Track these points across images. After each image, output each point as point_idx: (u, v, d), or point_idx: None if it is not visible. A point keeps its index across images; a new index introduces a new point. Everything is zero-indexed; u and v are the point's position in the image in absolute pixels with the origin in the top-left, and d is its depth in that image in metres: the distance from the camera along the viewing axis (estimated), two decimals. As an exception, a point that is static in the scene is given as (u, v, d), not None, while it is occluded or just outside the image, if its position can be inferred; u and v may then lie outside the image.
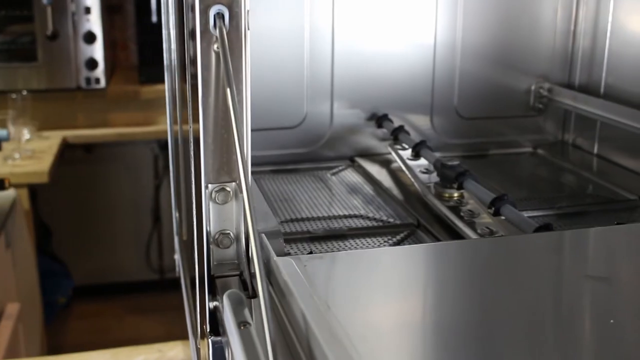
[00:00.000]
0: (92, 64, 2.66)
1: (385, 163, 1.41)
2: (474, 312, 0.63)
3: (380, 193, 1.26)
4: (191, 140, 0.76)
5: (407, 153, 1.34)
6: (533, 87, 1.48)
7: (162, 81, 2.81)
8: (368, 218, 1.15)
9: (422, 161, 1.29)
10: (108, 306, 3.13)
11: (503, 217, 1.01)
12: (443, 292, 0.67)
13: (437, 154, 1.26)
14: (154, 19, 2.87)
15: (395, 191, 1.25)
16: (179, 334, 2.90)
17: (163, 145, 3.12)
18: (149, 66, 2.87)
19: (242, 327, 0.60)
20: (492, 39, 1.44)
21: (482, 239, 0.83)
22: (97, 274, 3.15)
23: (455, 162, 1.14)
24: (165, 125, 2.86)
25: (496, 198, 1.01)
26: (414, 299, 0.65)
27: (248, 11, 0.66)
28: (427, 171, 1.25)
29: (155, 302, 3.16)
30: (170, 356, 1.43)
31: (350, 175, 1.37)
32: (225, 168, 0.72)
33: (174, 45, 1.00)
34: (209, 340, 0.68)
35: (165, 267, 3.25)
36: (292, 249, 1.01)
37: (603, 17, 1.40)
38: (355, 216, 1.16)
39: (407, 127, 1.40)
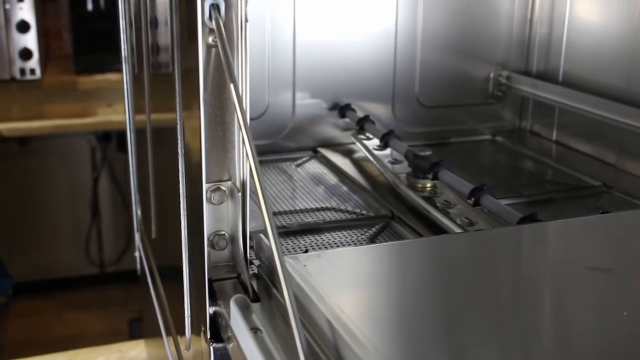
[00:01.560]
0: (26, 54, 2.56)
1: (349, 153, 1.39)
2: (484, 303, 0.62)
3: (349, 184, 1.25)
4: (180, 137, 0.73)
5: (372, 143, 1.33)
6: (492, 75, 1.49)
7: (100, 71, 2.74)
8: (341, 210, 1.14)
9: (387, 151, 1.29)
10: (48, 303, 3.03)
11: (480, 207, 1.01)
12: (451, 286, 0.65)
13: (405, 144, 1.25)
14: (89, 6, 2.77)
15: (363, 182, 1.24)
16: (124, 330, 2.85)
17: (100, 137, 3.04)
18: (85, 55, 2.78)
19: (254, 334, 0.57)
20: (452, 27, 1.44)
21: (477, 232, 0.83)
22: (35, 270, 3.04)
23: (428, 152, 1.14)
24: (105, 117, 2.79)
25: (475, 188, 1.01)
26: (421, 294, 0.64)
27: (247, 1, 0.63)
28: (396, 161, 1.24)
29: (97, 297, 3.08)
30: (131, 356, 1.39)
31: (315, 167, 1.35)
32: (220, 166, 0.69)
33: (143, 35, 0.96)
34: (211, 347, 0.65)
35: (105, 261, 3.17)
36: (271, 245, 0.99)
37: (560, 5, 1.41)
38: (328, 209, 1.15)
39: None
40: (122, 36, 1.22)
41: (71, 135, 2.96)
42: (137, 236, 1.31)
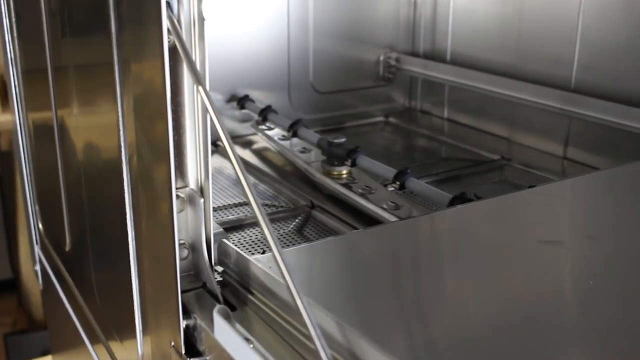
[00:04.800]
0: None
1: (250, 145, 1.37)
2: (462, 280, 0.63)
3: (258, 177, 1.23)
4: (123, 144, 0.69)
5: (274, 133, 1.32)
6: (382, 58, 1.52)
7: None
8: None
9: (288, 141, 1.28)
10: None
11: (405, 190, 1.03)
12: (424, 269, 0.66)
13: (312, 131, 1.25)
14: None
15: (273, 173, 1.23)
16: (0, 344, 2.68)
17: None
18: None
19: (250, 345, 0.55)
20: (342, 14, 1.45)
21: (425, 215, 0.84)
22: None
23: (342, 139, 1.14)
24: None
25: (399, 172, 1.02)
26: (396, 281, 0.64)
27: (202, -1, 0.60)
28: (305, 150, 1.23)
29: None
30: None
31: (219, 161, 1.32)
32: (177, 173, 0.66)
33: (45, 32, 0.90)
34: (188, 362, 0.63)
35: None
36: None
37: (442, -14, 1.46)
38: (244, 204, 1.12)
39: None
40: (7, 37, 1.14)
41: None
42: (37, 249, 1.23)
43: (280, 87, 1.43)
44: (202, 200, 0.65)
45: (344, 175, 1.13)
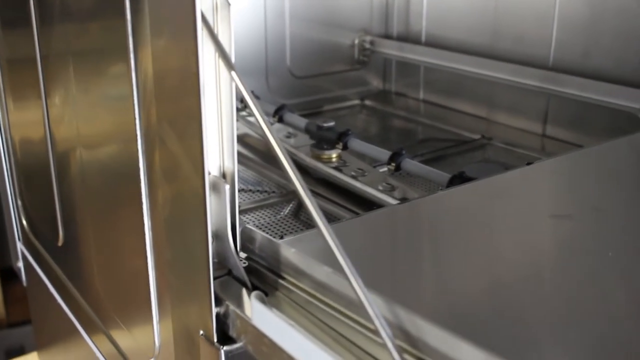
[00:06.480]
0: None
1: (230, 132, 1.36)
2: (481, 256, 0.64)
3: (244, 163, 1.22)
4: (138, 131, 0.68)
5: (254, 119, 1.31)
6: (356, 41, 1.52)
7: None
8: (251, 191, 1.12)
9: (275, 126, 1.27)
10: None
11: (400, 172, 1.04)
12: (454, 245, 0.67)
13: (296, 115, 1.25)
14: None
15: (258, 159, 1.22)
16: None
17: None
18: None
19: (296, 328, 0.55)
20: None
21: (430, 196, 0.84)
22: None
23: (331, 123, 1.14)
24: None
25: (394, 153, 1.03)
26: (426, 255, 0.65)
27: (226, -17, 0.60)
28: (290, 135, 1.23)
29: None
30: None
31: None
32: (199, 159, 0.65)
33: (34, 25, 0.88)
34: (222, 350, 0.62)
35: None
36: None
37: (414, -31, 1.47)
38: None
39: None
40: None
41: None
42: (19, 245, 1.20)
43: (258, 72, 1.42)
44: (227, 186, 0.64)
45: (334, 159, 1.13)
